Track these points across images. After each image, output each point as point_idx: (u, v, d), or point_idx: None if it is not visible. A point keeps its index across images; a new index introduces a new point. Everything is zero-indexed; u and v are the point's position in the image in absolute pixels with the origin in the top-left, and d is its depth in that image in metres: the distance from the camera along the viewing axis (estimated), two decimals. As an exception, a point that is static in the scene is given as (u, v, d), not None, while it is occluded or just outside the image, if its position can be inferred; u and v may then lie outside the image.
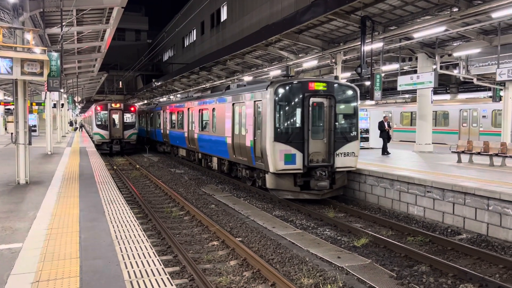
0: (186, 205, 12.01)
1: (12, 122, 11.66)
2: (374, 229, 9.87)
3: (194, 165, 21.62)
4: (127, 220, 7.32)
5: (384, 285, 6.57)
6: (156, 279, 4.65)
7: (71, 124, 53.25)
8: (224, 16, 40.57)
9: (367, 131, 20.08)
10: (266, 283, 6.71)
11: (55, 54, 11.55)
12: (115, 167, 21.29)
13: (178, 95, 36.52)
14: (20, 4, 10.52)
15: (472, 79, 18.09)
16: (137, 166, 21.85)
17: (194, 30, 50.62)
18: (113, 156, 27.88)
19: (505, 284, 6.31)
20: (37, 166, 14.78)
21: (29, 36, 10.90)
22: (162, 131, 26.48)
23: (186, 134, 20.54)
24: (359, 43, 13.14)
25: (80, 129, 55.36)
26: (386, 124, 16.72)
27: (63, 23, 12.67)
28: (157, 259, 5.26)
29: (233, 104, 14.18)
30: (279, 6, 28.98)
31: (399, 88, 16.19)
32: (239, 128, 13.78)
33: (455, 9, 11.20)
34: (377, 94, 14.22)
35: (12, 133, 11.72)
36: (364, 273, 7.07)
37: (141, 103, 53.90)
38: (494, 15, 10.84)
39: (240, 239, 9.08)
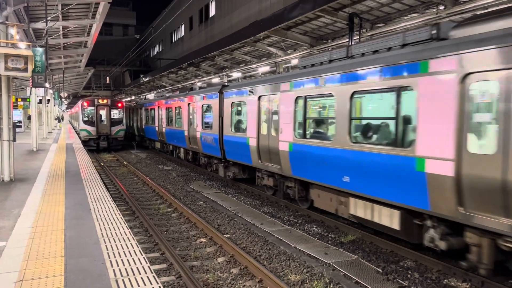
0: (174, 202, 11.96)
1: (-4, 118, 11.45)
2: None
3: (182, 162, 21.51)
4: (113, 218, 7.27)
5: (370, 281, 6.63)
6: (141, 277, 4.63)
7: (58, 120, 52.64)
8: (212, 11, 40.35)
9: None
10: (253, 280, 6.73)
11: (40, 50, 11.39)
12: (102, 164, 21.11)
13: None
14: (3, -2, 10.33)
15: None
16: (125, 162, 21.69)
17: (183, 26, 50.26)
18: (100, 152, 27.64)
19: (488, 279, 6.41)
20: (22, 162, 14.59)
21: (13, 31, 10.72)
22: (257, 143, 12.10)
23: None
24: (347, 40, 13.18)
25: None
26: None
27: (48, 18, 12.48)
28: (143, 257, 5.24)
29: None
30: (268, 2, 28.91)
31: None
32: None
33: (442, 7, 11.29)
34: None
35: (-4, 130, 11.52)
36: (351, 269, 7.12)
37: (170, 87, 34.78)
38: (480, 13, 10.95)
39: (228, 236, 9.09)
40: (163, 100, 23.15)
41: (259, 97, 12.00)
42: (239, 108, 14.00)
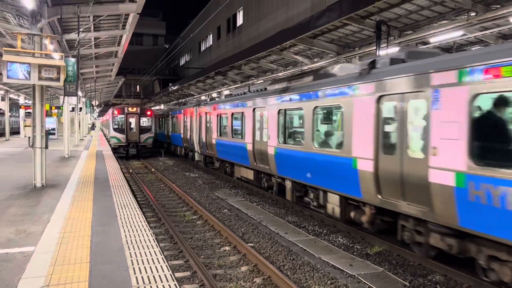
0: (199, 210, 12.04)
1: (30, 126, 11.89)
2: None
3: (208, 169, 21.62)
4: (138, 225, 7.37)
5: (396, 295, 6.44)
6: (163, 285, 4.65)
7: (92, 127, 54.64)
8: (240, 21, 40.76)
9: None
10: (276, 290, 6.66)
11: (72, 60, 11.77)
12: (130, 171, 21.52)
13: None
14: (38, 11, 10.75)
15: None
16: (153, 169, 22.04)
17: (211, 35, 50.97)
18: (129, 159, 28.19)
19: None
20: (54, 169, 15.03)
21: (47, 42, 11.13)
22: None
23: None
24: (374, 47, 13.02)
25: None
26: None
27: (80, 29, 12.90)
28: (166, 265, 5.27)
29: None
30: (295, 11, 28.97)
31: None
32: None
33: (473, 14, 11.01)
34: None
35: (29, 137, 11.95)
36: (376, 281, 6.95)
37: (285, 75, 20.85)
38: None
39: (251, 244, 9.05)
40: (272, 98, 12.46)
41: None
42: None
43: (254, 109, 13.89)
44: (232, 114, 15.98)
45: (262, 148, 13.13)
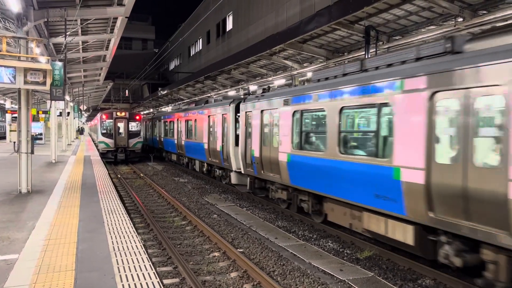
0: (188, 215, 11.92)
1: (15, 131, 11.70)
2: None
3: (198, 174, 21.47)
4: (126, 231, 7.24)
5: (387, 300, 6.41)
6: (151, 293, 4.56)
7: (80, 132, 54.09)
8: (229, 25, 40.77)
9: None
10: (266, 297, 6.59)
11: (58, 64, 11.60)
12: (119, 176, 21.29)
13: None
14: (24, 14, 10.60)
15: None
16: (141, 174, 21.83)
17: (200, 40, 50.89)
18: (118, 164, 27.91)
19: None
20: (40, 174, 14.79)
21: (33, 46, 10.97)
22: None
23: None
24: (363, 52, 13.08)
25: None
26: None
27: (67, 33, 12.75)
28: (153, 272, 5.17)
29: None
30: (284, 16, 29.06)
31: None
32: None
33: (460, 19, 11.11)
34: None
35: (14, 142, 11.76)
36: (367, 286, 6.91)
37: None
38: (499, 25, 10.76)
39: (241, 250, 8.97)
40: None
41: None
42: None
43: (433, 93, 6.48)
44: (342, 109, 8.90)
45: (473, 185, 5.75)
